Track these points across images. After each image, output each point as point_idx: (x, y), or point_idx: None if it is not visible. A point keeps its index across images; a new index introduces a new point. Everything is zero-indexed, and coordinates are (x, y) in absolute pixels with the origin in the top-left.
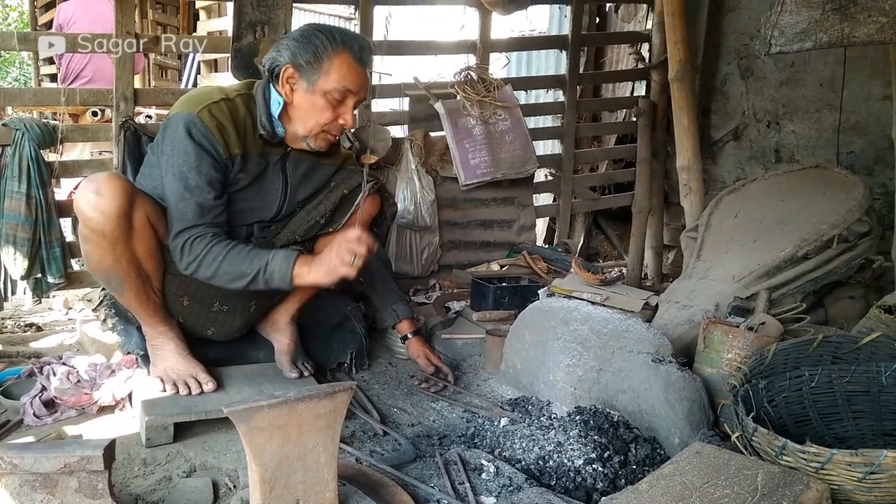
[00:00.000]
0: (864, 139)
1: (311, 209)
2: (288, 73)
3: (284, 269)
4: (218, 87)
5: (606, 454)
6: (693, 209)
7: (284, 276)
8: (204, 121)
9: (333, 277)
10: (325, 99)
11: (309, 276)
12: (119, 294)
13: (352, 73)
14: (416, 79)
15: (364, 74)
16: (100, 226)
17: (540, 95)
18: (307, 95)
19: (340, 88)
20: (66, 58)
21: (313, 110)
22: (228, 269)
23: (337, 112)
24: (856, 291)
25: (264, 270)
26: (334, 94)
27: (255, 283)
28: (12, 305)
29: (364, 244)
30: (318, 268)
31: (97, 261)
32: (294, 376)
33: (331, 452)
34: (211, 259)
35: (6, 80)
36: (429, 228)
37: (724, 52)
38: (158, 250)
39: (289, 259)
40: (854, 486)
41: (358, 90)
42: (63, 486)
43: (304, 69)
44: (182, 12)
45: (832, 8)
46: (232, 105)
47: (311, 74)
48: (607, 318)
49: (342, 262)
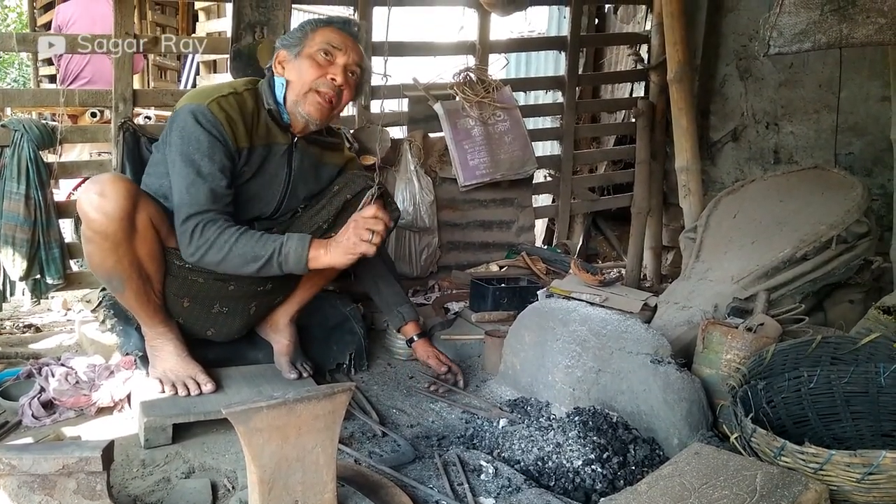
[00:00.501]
0: (862, 140)
1: (313, 214)
2: (280, 56)
3: (300, 250)
4: (226, 82)
5: (605, 455)
6: (692, 210)
7: (300, 258)
8: (213, 112)
9: (352, 257)
10: (311, 59)
11: (325, 257)
12: (120, 295)
13: (335, 36)
14: (416, 80)
15: (350, 40)
16: (103, 227)
17: (539, 96)
18: (295, 63)
19: (324, 47)
20: (64, 59)
21: (301, 73)
22: (241, 252)
23: (324, 70)
24: (855, 296)
25: (279, 252)
26: (319, 54)
27: (268, 266)
28: (11, 306)
29: (381, 221)
30: (335, 248)
31: (99, 262)
32: (293, 377)
33: (329, 453)
34: (222, 242)
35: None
36: (428, 229)
37: (722, 54)
38: (160, 252)
39: (304, 241)
40: (853, 486)
41: (343, 48)
42: (61, 487)
43: (292, 46)
44: (181, 13)
45: (831, 9)
46: (240, 98)
47: (298, 47)
48: (606, 318)
49: (360, 240)
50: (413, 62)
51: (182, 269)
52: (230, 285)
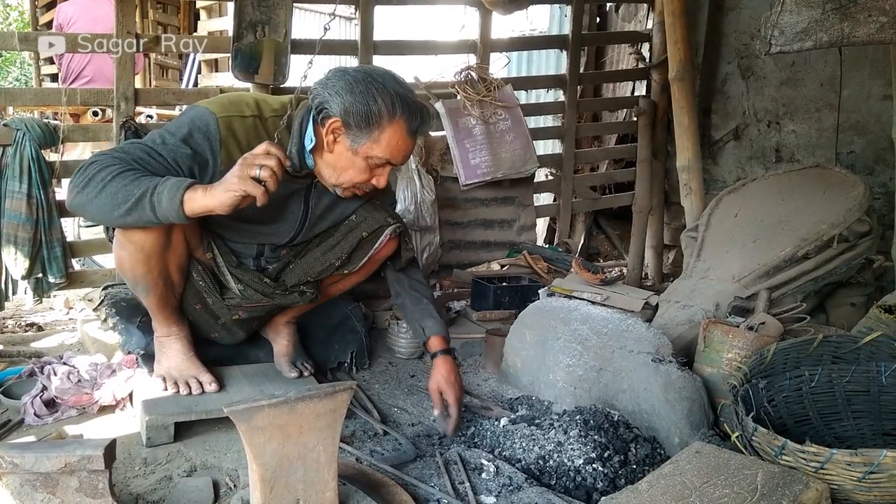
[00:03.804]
0: (864, 139)
1: (326, 249)
2: (335, 126)
3: (175, 190)
4: (259, 98)
5: (606, 454)
6: (693, 209)
7: (174, 199)
8: (220, 126)
9: (235, 194)
10: (366, 162)
11: (204, 198)
12: (143, 298)
13: (400, 146)
14: (417, 79)
15: (413, 145)
16: (140, 240)
17: (540, 95)
18: (348, 154)
19: (385, 158)
20: (66, 58)
21: (350, 168)
22: (113, 190)
23: (373, 174)
24: (857, 298)
25: (152, 192)
26: (376, 160)
27: (139, 207)
28: (13, 305)
29: (273, 156)
30: (216, 186)
31: (129, 268)
32: (293, 376)
33: (331, 452)
34: (99, 179)
35: (7, 80)
36: (429, 228)
37: (724, 52)
38: (188, 263)
39: (181, 181)
40: (853, 485)
41: (402, 161)
42: (64, 485)
43: (353, 129)
44: (183, 12)
45: (832, 7)
46: (262, 126)
47: (359, 136)
48: (607, 317)
49: (247, 176)
50: (414, 61)
51: (197, 284)
52: (235, 314)
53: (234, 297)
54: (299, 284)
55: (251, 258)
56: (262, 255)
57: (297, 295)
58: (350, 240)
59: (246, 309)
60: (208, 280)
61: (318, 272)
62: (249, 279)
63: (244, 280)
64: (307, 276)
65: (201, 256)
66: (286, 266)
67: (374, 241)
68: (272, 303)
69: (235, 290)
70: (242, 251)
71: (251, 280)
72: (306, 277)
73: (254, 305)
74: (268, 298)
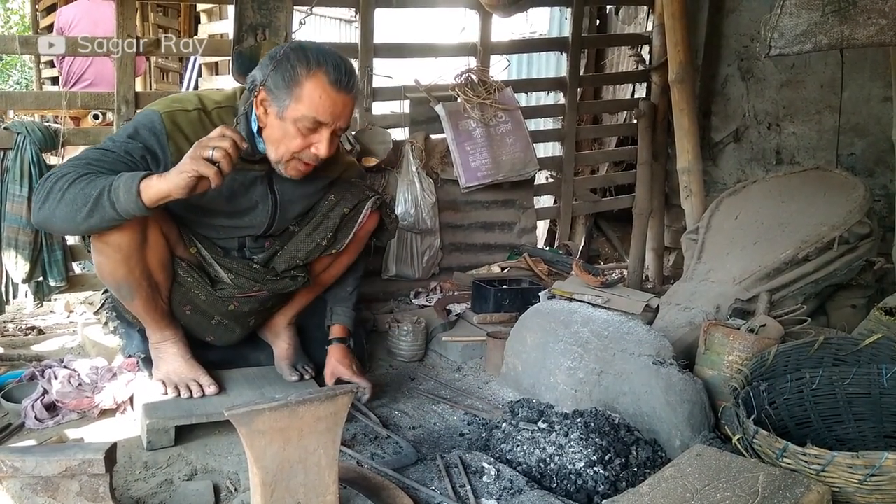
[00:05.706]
0: (864, 141)
1: (310, 230)
2: (261, 96)
3: (130, 181)
4: (202, 94)
5: (607, 456)
6: (694, 211)
7: (130, 189)
8: (164, 121)
9: (187, 178)
10: (295, 127)
11: (158, 184)
12: (129, 303)
13: (324, 101)
14: (417, 81)
15: (340, 101)
16: (115, 240)
17: (540, 97)
18: (278, 122)
19: (310, 117)
20: (67, 61)
21: (284, 137)
22: (72, 196)
23: (308, 140)
24: (858, 300)
25: (109, 188)
26: (304, 122)
27: (99, 206)
28: (14, 309)
29: (228, 138)
30: (169, 172)
31: (110, 272)
32: (294, 379)
33: (332, 455)
34: (58, 188)
35: (8, 83)
36: (429, 231)
37: (724, 54)
38: (170, 260)
39: (136, 174)
40: (855, 488)
41: (331, 120)
42: (64, 489)
43: (275, 93)
44: (183, 15)
45: (832, 10)
46: (207, 118)
47: (282, 99)
48: (608, 320)
49: (201, 157)
50: (414, 63)
51: (185, 282)
52: (230, 304)
53: (226, 286)
54: (289, 269)
55: (234, 251)
56: (244, 247)
57: (290, 280)
58: (333, 217)
59: (239, 299)
60: (197, 275)
61: (305, 254)
62: (239, 267)
63: (234, 269)
64: (296, 260)
65: (184, 253)
66: (274, 255)
67: (357, 217)
68: (265, 289)
69: (227, 280)
70: (225, 246)
71: (241, 268)
72: (295, 261)
73: (247, 295)
74: (260, 285)
